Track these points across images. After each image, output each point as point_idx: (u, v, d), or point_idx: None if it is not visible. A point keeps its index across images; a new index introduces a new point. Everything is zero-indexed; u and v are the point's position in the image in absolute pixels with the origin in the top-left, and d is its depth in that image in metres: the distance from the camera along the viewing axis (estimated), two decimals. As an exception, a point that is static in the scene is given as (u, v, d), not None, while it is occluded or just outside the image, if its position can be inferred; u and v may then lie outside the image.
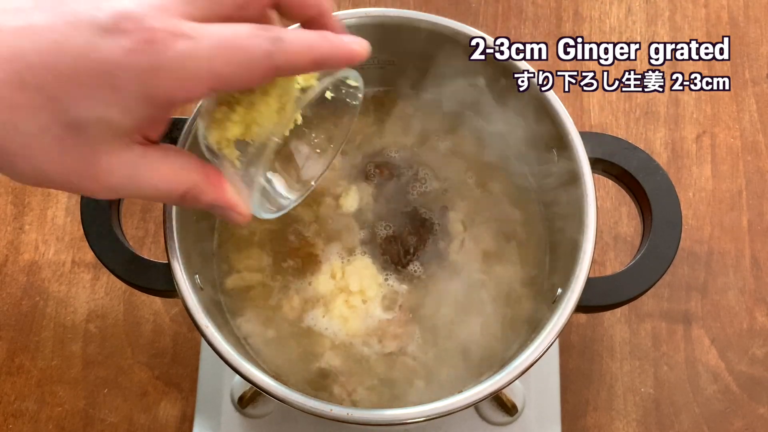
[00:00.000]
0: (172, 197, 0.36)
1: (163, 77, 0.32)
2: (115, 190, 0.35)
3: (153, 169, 0.35)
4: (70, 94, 0.32)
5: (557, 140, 0.49)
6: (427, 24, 0.50)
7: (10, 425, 0.60)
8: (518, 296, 0.52)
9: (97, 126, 0.33)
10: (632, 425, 0.60)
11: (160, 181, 0.35)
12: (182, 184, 0.36)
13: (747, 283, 0.64)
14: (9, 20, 0.32)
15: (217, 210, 0.38)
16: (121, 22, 0.32)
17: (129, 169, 0.35)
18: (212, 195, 0.37)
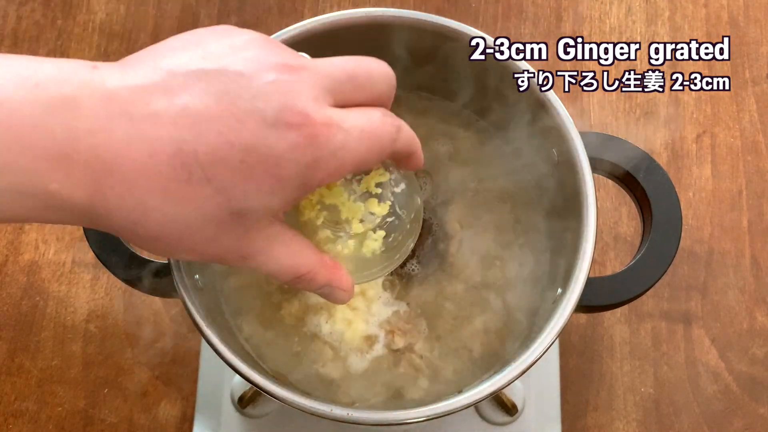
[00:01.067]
0: (289, 275, 0.37)
1: (321, 168, 0.33)
2: (246, 260, 0.36)
3: (284, 246, 0.36)
4: (239, 186, 0.32)
5: (557, 140, 0.49)
6: (427, 24, 0.50)
7: (10, 425, 0.60)
8: (518, 296, 0.52)
9: (257, 212, 0.34)
10: (632, 425, 0.60)
11: (287, 259, 0.37)
12: (303, 266, 0.37)
13: (747, 283, 0.64)
14: (162, 105, 0.31)
15: (326, 290, 0.39)
16: (286, 116, 0.32)
17: (266, 243, 0.36)
18: (327, 277, 0.38)
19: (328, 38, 0.50)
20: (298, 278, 0.37)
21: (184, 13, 0.73)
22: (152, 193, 0.32)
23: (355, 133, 0.34)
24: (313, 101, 0.33)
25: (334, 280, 0.39)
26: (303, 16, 0.74)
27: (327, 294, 0.39)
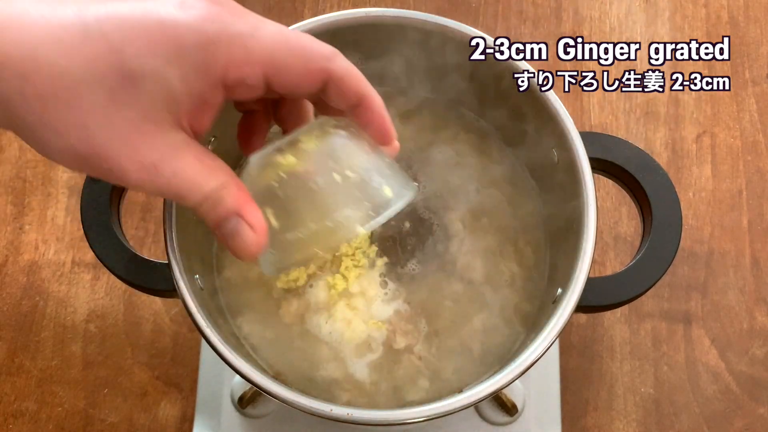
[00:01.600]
0: (197, 193, 0.34)
1: (223, 49, 0.32)
2: (148, 171, 0.33)
3: (192, 157, 0.34)
4: (134, 44, 0.32)
5: (557, 140, 0.49)
6: (427, 24, 0.50)
7: (10, 425, 0.60)
8: (518, 296, 0.52)
9: (152, 84, 0.32)
10: (632, 425, 0.60)
11: (194, 172, 0.34)
12: (213, 180, 0.35)
13: (747, 283, 0.64)
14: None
15: (232, 223, 0.36)
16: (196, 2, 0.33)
17: (170, 150, 0.33)
18: (237, 201, 0.35)
19: (328, 38, 0.50)
20: (206, 196, 0.34)
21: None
22: (45, 44, 0.31)
23: (271, 28, 0.33)
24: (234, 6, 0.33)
25: (244, 209, 0.35)
26: (303, 16, 0.74)
27: (232, 232, 0.35)
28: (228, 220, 0.35)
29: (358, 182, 0.38)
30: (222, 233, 0.36)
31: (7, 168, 0.67)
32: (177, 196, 0.34)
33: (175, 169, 0.34)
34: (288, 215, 0.38)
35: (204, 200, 0.35)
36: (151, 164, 0.33)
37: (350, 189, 0.38)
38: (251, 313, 0.51)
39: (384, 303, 0.51)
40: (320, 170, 0.37)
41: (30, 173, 0.67)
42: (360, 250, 0.52)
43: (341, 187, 0.37)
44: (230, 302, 0.52)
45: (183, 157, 0.34)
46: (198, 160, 0.34)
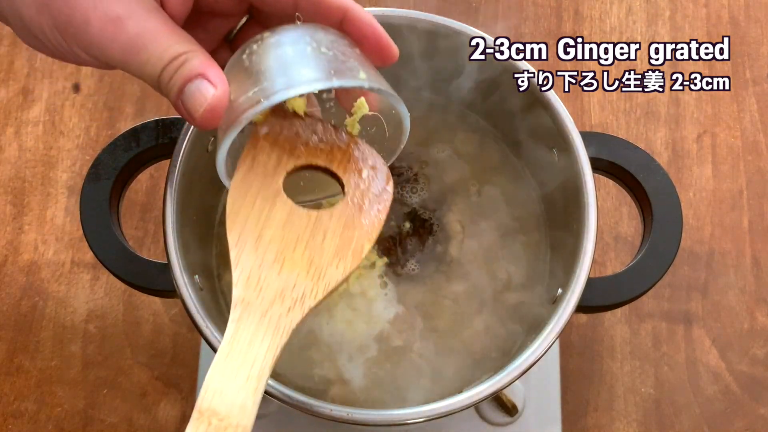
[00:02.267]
0: (166, 55, 0.33)
1: None
2: (113, 24, 0.32)
3: (161, 21, 0.33)
4: None
5: (557, 140, 0.49)
6: (427, 24, 0.50)
7: (9, 426, 0.60)
8: (518, 296, 0.52)
9: None
10: (633, 426, 0.60)
11: (162, 34, 0.33)
12: (181, 44, 0.33)
13: (748, 283, 0.64)
14: None
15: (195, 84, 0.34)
16: None
17: (138, 9, 0.32)
18: (201, 63, 0.34)
19: (327, 38, 0.50)
20: (170, 59, 0.33)
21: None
22: None
23: None
24: None
25: (210, 71, 0.34)
26: (303, 15, 0.73)
27: (194, 92, 0.34)
28: (192, 82, 0.34)
29: (331, 58, 0.36)
30: (183, 98, 0.34)
31: (7, 168, 0.67)
32: (139, 61, 0.33)
33: (142, 29, 0.32)
34: (247, 78, 0.36)
35: (168, 64, 0.33)
36: (116, 17, 0.32)
37: (319, 59, 0.36)
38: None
39: (384, 303, 0.51)
40: (294, 42, 0.36)
41: (29, 173, 0.67)
42: None
43: (310, 56, 0.36)
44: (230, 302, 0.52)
45: (152, 18, 0.33)
46: (167, 24, 0.33)
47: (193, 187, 0.49)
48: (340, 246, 0.38)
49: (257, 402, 0.34)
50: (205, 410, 0.33)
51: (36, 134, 0.68)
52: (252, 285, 0.36)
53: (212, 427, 0.33)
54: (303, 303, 0.36)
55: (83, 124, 0.68)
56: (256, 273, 0.37)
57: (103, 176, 0.49)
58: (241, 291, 0.36)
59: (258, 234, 0.37)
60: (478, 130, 0.56)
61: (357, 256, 0.38)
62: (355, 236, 0.39)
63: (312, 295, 0.37)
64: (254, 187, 0.38)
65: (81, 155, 0.67)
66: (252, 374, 0.34)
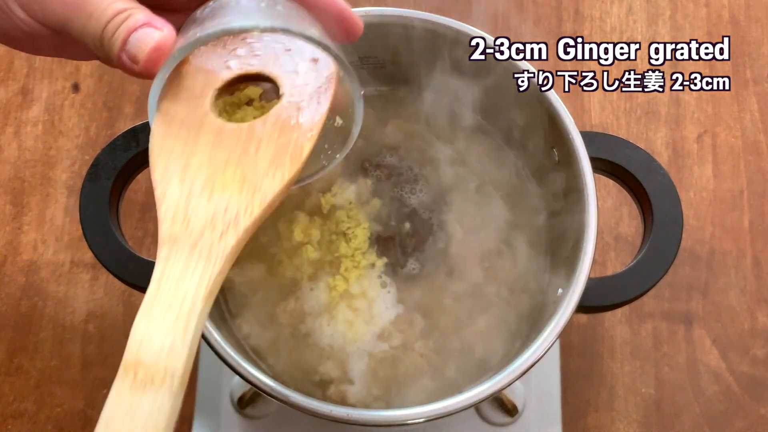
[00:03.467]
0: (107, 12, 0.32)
1: None
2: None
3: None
4: None
5: (558, 140, 0.49)
6: (427, 23, 0.50)
7: (9, 426, 0.60)
8: (519, 297, 0.52)
9: None
10: (633, 426, 0.60)
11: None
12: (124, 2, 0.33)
13: (748, 284, 0.64)
14: None
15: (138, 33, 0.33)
16: None
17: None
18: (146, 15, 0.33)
19: (327, 38, 0.50)
20: (117, 13, 0.32)
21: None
22: None
23: None
24: None
25: (155, 21, 0.33)
26: (303, 15, 0.73)
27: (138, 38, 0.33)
28: (137, 30, 0.33)
29: (284, 14, 0.35)
30: (128, 47, 0.33)
31: (6, 168, 0.67)
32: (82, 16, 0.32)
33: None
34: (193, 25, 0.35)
35: (113, 17, 0.33)
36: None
37: (270, 11, 0.34)
38: (251, 314, 0.51)
39: (385, 303, 0.51)
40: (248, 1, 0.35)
41: (29, 173, 0.67)
42: (359, 251, 0.51)
43: (262, 9, 0.35)
44: (230, 303, 0.52)
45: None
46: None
47: (193, 187, 0.49)
48: (275, 154, 0.35)
49: (189, 341, 0.31)
50: (130, 363, 0.30)
51: (35, 134, 0.68)
52: (179, 219, 0.33)
53: (138, 379, 0.30)
54: (237, 224, 0.33)
55: (83, 124, 0.68)
56: (183, 205, 0.34)
57: (103, 176, 0.49)
58: (168, 227, 0.33)
59: (184, 163, 0.34)
60: (477, 130, 0.56)
61: (296, 160, 0.35)
62: (293, 139, 0.35)
63: (247, 214, 0.34)
64: (179, 115, 0.35)
65: (80, 155, 0.67)
66: (182, 312, 0.31)
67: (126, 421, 0.30)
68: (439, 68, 0.53)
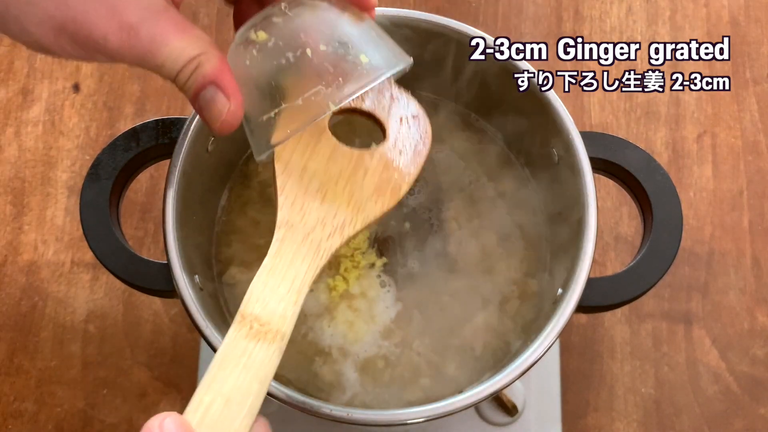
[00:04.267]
0: (181, 58, 0.34)
1: None
2: (127, 33, 0.33)
3: (172, 23, 0.34)
4: None
5: (557, 140, 0.49)
6: (427, 24, 0.50)
7: (9, 426, 0.60)
8: (518, 296, 0.52)
9: None
10: (633, 426, 0.60)
11: (177, 37, 0.34)
12: (196, 45, 0.35)
13: (748, 284, 0.64)
14: None
15: (209, 92, 0.35)
16: None
17: (149, 14, 0.34)
18: (213, 68, 0.35)
19: (327, 38, 0.50)
20: (183, 64, 0.34)
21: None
22: None
23: None
24: None
25: (222, 78, 0.35)
26: (303, 16, 0.73)
27: (208, 102, 0.36)
28: (206, 89, 0.36)
29: (331, 55, 0.37)
30: (199, 105, 0.36)
31: (7, 168, 0.67)
32: (156, 64, 0.34)
33: (155, 34, 0.34)
34: (262, 94, 0.37)
35: (183, 67, 0.35)
36: (129, 26, 0.33)
37: (322, 63, 0.37)
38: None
39: (384, 303, 0.51)
40: (291, 45, 0.37)
41: (29, 173, 0.67)
42: (359, 251, 0.52)
43: (313, 61, 0.37)
44: (230, 302, 0.52)
45: (162, 21, 0.34)
46: (177, 25, 0.34)
47: (193, 187, 0.49)
48: (379, 184, 0.41)
49: (295, 314, 0.36)
50: (247, 315, 0.36)
51: (36, 134, 0.68)
52: (296, 209, 0.39)
53: (253, 330, 0.36)
54: (343, 231, 0.39)
55: (83, 124, 0.68)
56: (301, 199, 0.39)
57: (103, 176, 0.49)
58: (286, 213, 0.38)
59: (303, 165, 0.40)
60: (477, 130, 0.56)
61: (395, 195, 0.41)
62: (394, 177, 0.41)
63: (351, 225, 0.39)
64: None
65: (81, 155, 0.67)
66: (293, 288, 0.37)
67: (240, 362, 0.35)
68: (439, 68, 0.53)
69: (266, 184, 0.54)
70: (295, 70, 0.37)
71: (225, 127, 0.36)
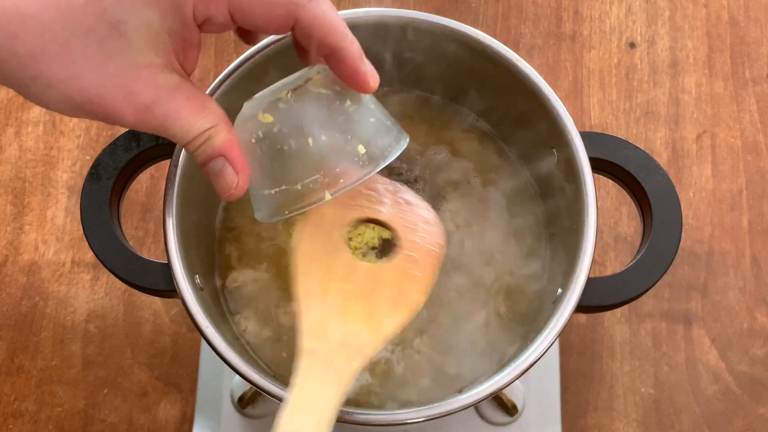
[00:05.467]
0: (192, 131, 0.36)
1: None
2: (143, 113, 0.35)
3: (186, 97, 0.36)
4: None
5: (557, 140, 0.49)
6: (427, 24, 0.50)
7: (9, 425, 0.60)
8: (518, 296, 0.52)
9: (136, 28, 0.34)
10: (632, 425, 0.60)
11: (190, 112, 0.36)
12: (207, 120, 0.36)
13: (747, 283, 0.64)
14: None
15: (218, 164, 0.37)
16: None
17: (163, 92, 0.35)
18: (222, 142, 0.37)
19: (328, 38, 0.50)
20: (194, 137, 0.36)
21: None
22: (28, 1, 0.33)
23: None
24: None
25: (230, 152, 0.37)
26: (303, 16, 0.73)
27: (217, 173, 0.38)
28: (215, 160, 0.37)
29: (331, 145, 0.39)
30: (208, 172, 0.38)
31: (7, 168, 0.67)
32: (170, 136, 0.36)
33: (168, 111, 0.35)
34: (264, 172, 0.39)
35: (194, 140, 0.37)
36: (144, 106, 0.35)
37: (322, 152, 0.39)
38: (251, 314, 0.51)
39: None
40: (294, 133, 0.39)
41: (30, 173, 0.67)
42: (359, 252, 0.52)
43: (313, 150, 0.39)
44: (230, 302, 0.52)
45: (175, 98, 0.36)
46: (190, 101, 0.36)
47: (194, 187, 0.49)
48: (395, 299, 0.41)
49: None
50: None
51: (36, 134, 0.68)
52: (318, 335, 0.39)
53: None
54: (364, 352, 0.39)
55: (83, 124, 0.68)
56: (322, 324, 0.39)
57: (104, 176, 0.49)
58: (308, 341, 0.39)
59: (324, 287, 0.40)
60: (477, 130, 0.56)
61: (411, 309, 0.41)
62: (410, 289, 0.41)
63: (371, 345, 0.39)
64: (319, 243, 0.41)
65: (81, 155, 0.67)
66: (322, 420, 0.37)
67: None
68: (439, 68, 0.53)
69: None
70: (297, 156, 0.39)
71: (232, 198, 0.38)
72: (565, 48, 0.71)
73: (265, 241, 0.53)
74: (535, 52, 0.71)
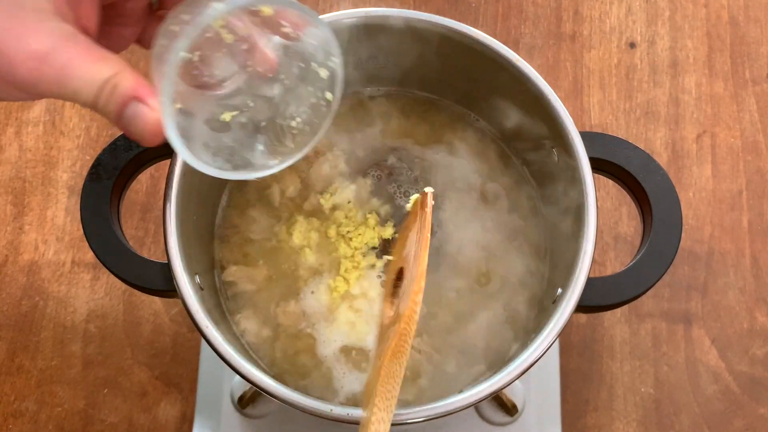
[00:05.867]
0: (95, 81, 0.34)
1: None
2: (38, 61, 0.33)
3: (82, 48, 0.34)
4: None
5: (557, 140, 0.49)
6: (427, 24, 0.50)
7: (10, 425, 0.60)
8: (518, 296, 0.52)
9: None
10: (632, 425, 0.60)
11: (89, 61, 0.34)
12: (106, 68, 0.34)
13: (747, 283, 0.64)
14: None
15: (131, 109, 0.34)
16: None
17: (59, 40, 0.33)
18: (133, 85, 0.34)
19: (328, 38, 0.50)
20: (102, 85, 0.34)
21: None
22: None
23: None
24: None
25: (140, 91, 0.34)
26: (303, 16, 0.73)
27: (131, 118, 0.34)
28: (127, 106, 0.35)
29: None
30: (125, 123, 0.35)
31: (7, 168, 0.67)
32: (72, 91, 0.34)
33: (66, 60, 0.33)
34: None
35: (100, 91, 0.34)
36: (40, 54, 0.33)
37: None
38: (251, 314, 0.51)
39: (384, 303, 0.51)
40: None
41: (30, 173, 0.67)
42: (359, 252, 0.52)
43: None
44: (230, 302, 0.52)
45: (72, 47, 0.34)
46: (88, 50, 0.34)
47: (194, 186, 0.49)
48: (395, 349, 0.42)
49: None
50: None
51: (36, 134, 0.68)
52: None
53: None
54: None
55: (83, 124, 0.68)
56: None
57: (104, 176, 0.49)
58: None
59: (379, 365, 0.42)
60: (477, 130, 0.56)
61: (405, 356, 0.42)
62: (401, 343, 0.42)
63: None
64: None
65: (81, 155, 0.67)
66: None
67: None
68: (439, 69, 0.53)
69: (265, 185, 0.54)
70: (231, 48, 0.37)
71: (153, 137, 0.35)
72: (565, 48, 0.71)
73: (265, 240, 0.53)
74: (535, 52, 0.71)
